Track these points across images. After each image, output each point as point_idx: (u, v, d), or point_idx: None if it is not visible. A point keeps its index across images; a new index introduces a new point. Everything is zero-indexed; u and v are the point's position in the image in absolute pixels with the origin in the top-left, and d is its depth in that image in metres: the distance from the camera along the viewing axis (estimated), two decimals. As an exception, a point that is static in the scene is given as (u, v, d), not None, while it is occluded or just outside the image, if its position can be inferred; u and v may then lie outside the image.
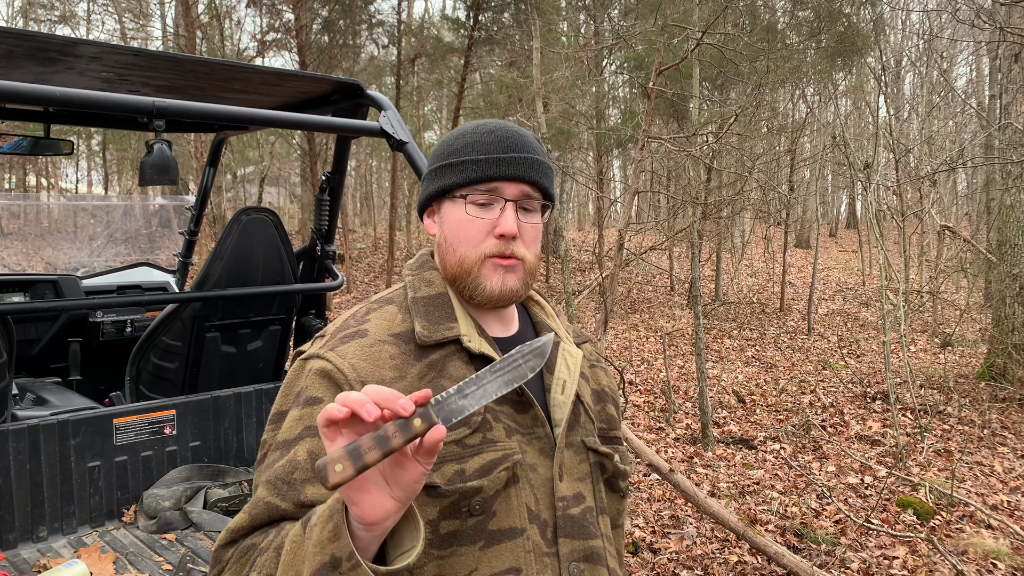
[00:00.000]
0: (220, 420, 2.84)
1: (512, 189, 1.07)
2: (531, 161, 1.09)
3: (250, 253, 3.05)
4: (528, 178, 1.08)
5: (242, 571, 0.95)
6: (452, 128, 16.39)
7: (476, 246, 1.07)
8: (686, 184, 12.60)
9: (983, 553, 4.21)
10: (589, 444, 1.14)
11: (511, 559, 1.01)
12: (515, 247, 1.07)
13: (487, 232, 1.07)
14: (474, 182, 1.07)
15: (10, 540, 2.35)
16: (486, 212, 1.07)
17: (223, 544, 0.99)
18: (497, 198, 1.07)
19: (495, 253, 1.06)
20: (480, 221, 1.07)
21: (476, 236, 1.07)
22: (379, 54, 16.57)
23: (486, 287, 1.07)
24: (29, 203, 11.58)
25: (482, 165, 1.07)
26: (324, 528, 0.82)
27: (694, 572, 4.01)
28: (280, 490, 0.97)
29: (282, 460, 0.99)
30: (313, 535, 0.83)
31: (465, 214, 1.07)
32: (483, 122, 1.14)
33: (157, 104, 2.13)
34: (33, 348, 3.80)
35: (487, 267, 1.07)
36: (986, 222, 16.16)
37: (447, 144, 1.12)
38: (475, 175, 1.07)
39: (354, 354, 1.03)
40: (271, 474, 0.99)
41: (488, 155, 1.07)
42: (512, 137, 1.09)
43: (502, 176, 1.06)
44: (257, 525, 0.98)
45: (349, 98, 2.92)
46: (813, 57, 12.56)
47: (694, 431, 6.67)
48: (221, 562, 0.99)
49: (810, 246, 25.17)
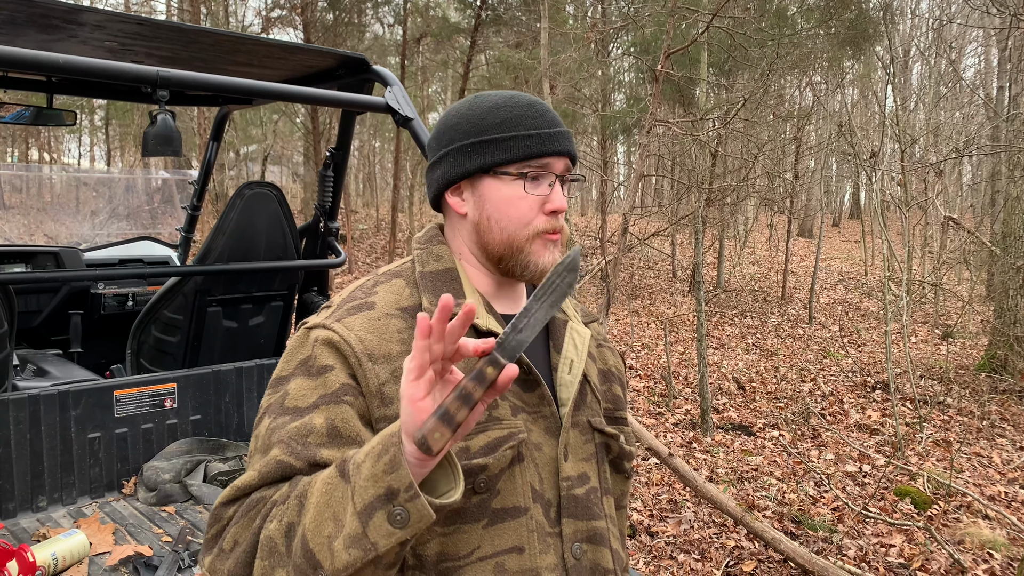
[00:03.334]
0: (221, 394, 2.84)
1: (560, 164, 1.07)
2: (569, 135, 1.09)
3: (253, 228, 3.03)
4: (571, 152, 1.08)
5: (251, 524, 0.92)
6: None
7: (528, 224, 1.05)
8: (691, 170, 12.55)
9: (979, 543, 4.22)
10: (595, 424, 1.14)
11: (514, 538, 1.00)
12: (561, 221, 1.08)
13: (538, 209, 1.06)
14: (527, 158, 1.05)
15: (10, 509, 2.35)
16: (536, 188, 1.06)
17: (226, 501, 0.96)
18: (548, 173, 1.06)
19: (548, 230, 1.06)
20: (532, 197, 1.05)
21: (528, 213, 1.05)
22: (384, 33, 16.47)
23: (539, 263, 1.06)
24: (31, 174, 11.54)
25: (534, 140, 1.05)
26: (378, 462, 0.82)
27: (691, 556, 4.02)
28: (294, 449, 0.95)
29: (294, 423, 0.97)
30: (364, 471, 0.83)
31: (520, 191, 1.05)
32: (510, 94, 1.10)
33: (161, 74, 2.10)
34: (34, 320, 3.80)
35: (538, 244, 1.06)
36: (990, 214, 16.10)
37: (477, 117, 1.08)
38: (528, 151, 1.05)
39: (361, 326, 1.02)
40: (283, 434, 0.96)
41: (537, 130, 1.05)
42: (549, 111, 1.09)
43: (553, 151, 1.05)
44: (266, 483, 0.95)
45: (354, 73, 2.89)
46: (822, 44, 12.46)
47: (693, 417, 6.68)
48: (222, 520, 0.96)
49: (813, 235, 25.10)
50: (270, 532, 0.89)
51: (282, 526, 0.88)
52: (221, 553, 0.94)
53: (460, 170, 1.08)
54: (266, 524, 0.90)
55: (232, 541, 0.93)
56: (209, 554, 0.96)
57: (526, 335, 0.80)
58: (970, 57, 26.41)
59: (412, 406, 0.80)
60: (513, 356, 0.79)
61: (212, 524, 0.97)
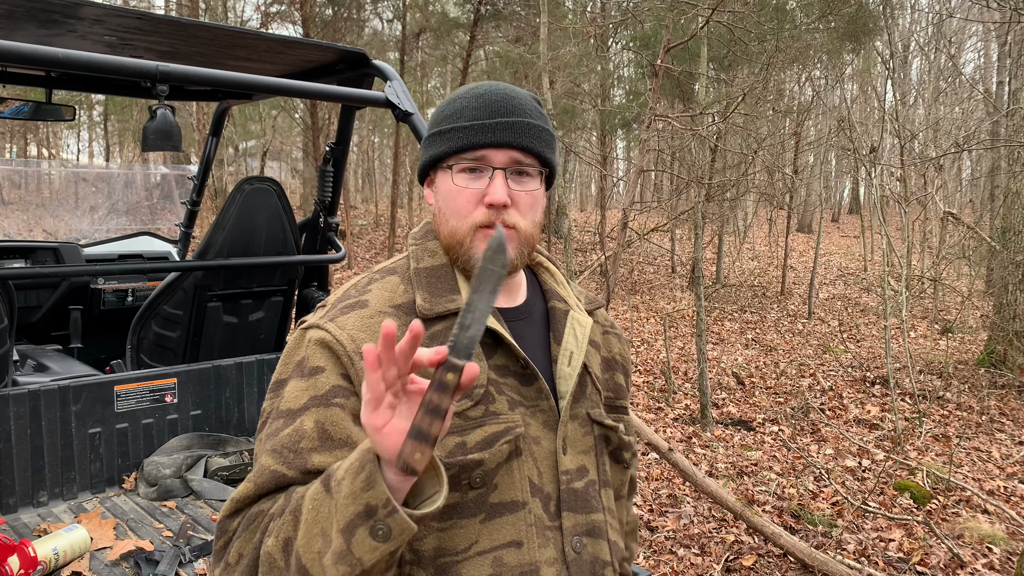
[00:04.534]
0: (221, 389, 2.84)
1: (500, 156, 1.02)
2: (521, 125, 1.03)
3: (252, 223, 3.03)
4: (518, 144, 1.03)
5: (252, 538, 0.94)
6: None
7: (466, 216, 1.03)
8: (691, 165, 12.54)
9: (979, 537, 4.23)
10: (594, 416, 1.13)
11: (512, 532, 1.00)
12: (507, 215, 1.02)
13: (477, 202, 1.03)
14: (460, 151, 1.03)
15: (10, 504, 2.35)
16: (475, 181, 1.03)
17: (228, 514, 0.98)
18: (485, 166, 1.03)
19: (485, 223, 1.02)
20: (468, 191, 1.03)
21: (466, 206, 1.03)
22: (383, 28, 16.43)
23: (478, 258, 1.03)
24: (30, 169, 11.51)
25: (468, 132, 1.02)
26: (356, 479, 0.82)
27: (691, 551, 4.03)
28: (286, 458, 0.96)
29: (287, 429, 0.98)
30: (343, 488, 0.83)
31: (453, 184, 1.04)
32: (476, 85, 1.09)
33: (161, 68, 2.10)
34: (34, 315, 3.79)
35: (478, 237, 1.03)
36: (990, 209, 16.10)
37: (440, 110, 1.09)
38: (461, 143, 1.03)
39: (353, 325, 1.02)
40: (276, 443, 0.98)
41: (475, 121, 1.03)
42: (502, 100, 1.04)
43: (488, 143, 1.02)
44: (263, 494, 0.97)
45: (354, 68, 2.89)
46: (823, 38, 12.43)
47: (693, 412, 6.69)
48: (227, 532, 0.98)
49: (812, 231, 25.10)
50: (268, 548, 0.90)
51: (279, 542, 0.89)
52: (227, 567, 0.96)
53: (421, 162, 1.11)
54: (265, 539, 0.92)
55: (236, 555, 0.95)
56: (217, 566, 0.98)
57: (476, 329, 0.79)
58: (969, 52, 26.37)
59: (378, 435, 0.80)
60: (469, 354, 0.79)
61: (218, 537, 0.99)
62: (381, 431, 0.80)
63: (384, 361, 0.77)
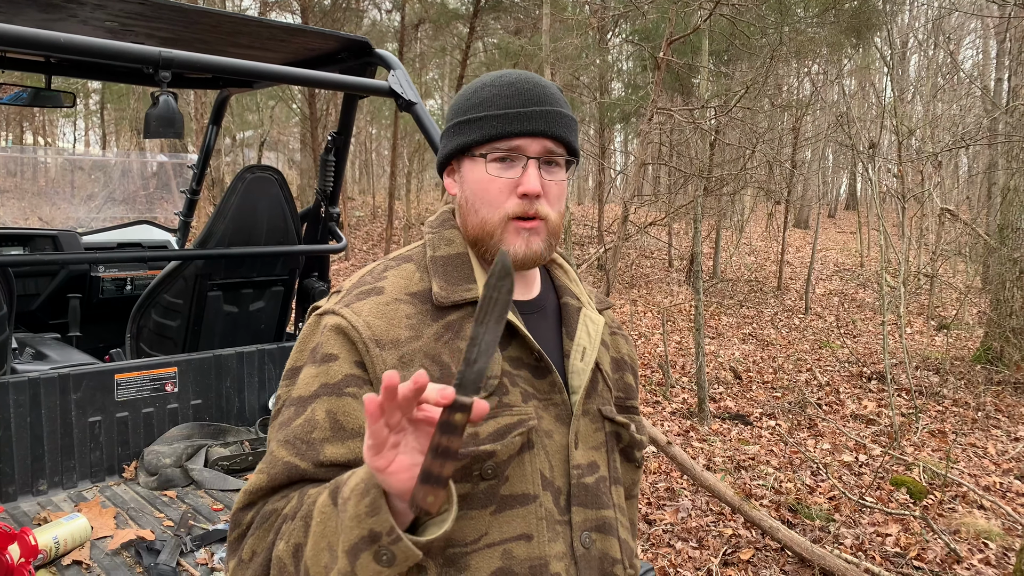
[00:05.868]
0: (222, 379, 2.83)
1: (535, 146, 1.02)
2: (553, 114, 1.03)
3: (254, 212, 3.01)
4: (551, 133, 1.02)
5: (266, 537, 0.94)
6: (454, 96, 16.16)
7: (498, 207, 1.02)
8: (689, 159, 12.53)
9: (975, 533, 4.25)
10: (606, 413, 1.12)
11: (522, 525, 0.99)
12: (539, 206, 1.02)
13: (509, 191, 1.02)
14: (494, 139, 1.01)
15: (10, 493, 2.34)
16: (508, 171, 1.02)
17: (242, 507, 0.98)
18: (519, 155, 1.02)
19: (518, 214, 1.01)
20: (502, 180, 1.02)
21: (498, 196, 1.02)
22: (382, 19, 16.35)
23: (509, 251, 1.02)
24: (26, 156, 11.44)
25: (502, 121, 1.01)
26: (360, 503, 0.81)
27: (689, 544, 4.04)
28: (299, 449, 0.95)
29: (299, 419, 0.97)
30: (348, 509, 0.83)
31: (486, 173, 1.03)
32: (503, 73, 1.07)
33: (164, 55, 2.08)
34: (32, 303, 3.78)
35: (510, 230, 1.02)
36: (987, 206, 16.13)
37: (465, 98, 1.07)
38: (495, 131, 1.01)
39: (369, 311, 1.01)
40: (288, 433, 0.97)
41: (508, 110, 1.01)
42: (534, 89, 1.04)
43: (523, 132, 1.01)
44: (276, 486, 0.97)
45: (357, 56, 2.87)
46: (825, 32, 12.41)
47: (690, 406, 6.70)
48: (241, 525, 0.98)
49: (809, 226, 25.12)
50: (280, 552, 0.91)
51: (290, 547, 0.90)
52: (241, 563, 0.96)
53: (446, 150, 1.09)
54: (277, 542, 0.92)
55: (251, 551, 0.95)
56: (232, 559, 0.98)
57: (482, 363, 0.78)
58: (968, 48, 26.36)
59: (383, 475, 0.80)
60: (477, 388, 0.77)
61: (232, 529, 0.99)
62: (386, 472, 0.79)
63: (387, 410, 0.77)
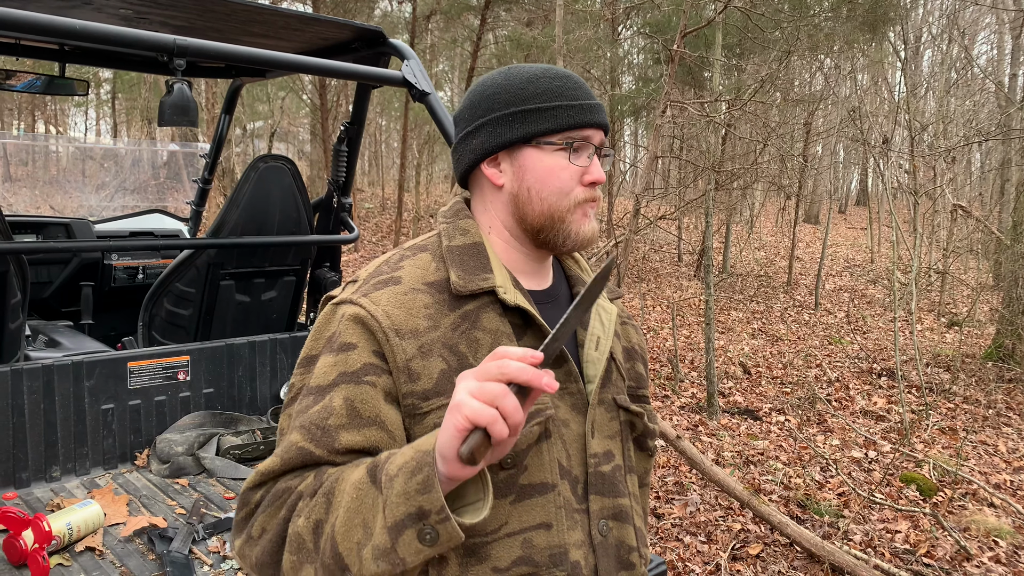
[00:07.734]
0: (234, 368, 2.83)
1: (598, 136, 1.08)
2: (603, 108, 1.11)
3: (267, 202, 3.01)
4: (607, 125, 1.10)
5: (277, 514, 0.94)
6: (465, 88, 16.16)
7: (568, 194, 1.06)
8: (700, 153, 12.47)
9: (985, 531, 4.23)
10: (620, 402, 1.13)
11: (542, 514, 1.00)
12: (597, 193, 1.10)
13: (577, 179, 1.07)
14: (569, 128, 1.05)
15: (23, 479, 2.35)
16: (578, 159, 1.07)
17: (251, 486, 0.98)
18: (587, 144, 1.07)
19: (587, 199, 1.07)
20: (574, 168, 1.06)
21: (569, 183, 1.06)
22: (393, 10, 16.32)
23: (580, 233, 1.07)
24: (38, 144, 11.50)
25: (575, 111, 1.06)
26: (411, 479, 0.82)
27: (698, 538, 4.03)
28: (314, 435, 0.95)
29: (316, 406, 0.97)
30: (396, 486, 0.83)
31: (563, 162, 1.06)
32: (546, 67, 1.10)
33: (179, 42, 2.08)
34: (45, 291, 3.79)
35: (578, 214, 1.07)
36: (1000, 203, 16.00)
37: (517, 87, 1.07)
38: (571, 121, 1.05)
39: (388, 301, 1.01)
40: (305, 419, 0.97)
41: (578, 101, 1.06)
42: (584, 84, 1.10)
43: (591, 123, 1.06)
44: (289, 469, 0.96)
45: (371, 46, 2.86)
46: (841, 26, 12.29)
47: (699, 400, 6.68)
48: (249, 504, 0.97)
49: (819, 222, 25.00)
50: (298, 528, 0.90)
51: (310, 523, 0.89)
52: (250, 540, 0.95)
53: (500, 140, 1.07)
54: (293, 518, 0.91)
55: (260, 529, 0.94)
56: (239, 537, 0.98)
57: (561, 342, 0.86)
58: (982, 44, 26.11)
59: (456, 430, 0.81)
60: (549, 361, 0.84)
61: (240, 507, 0.98)
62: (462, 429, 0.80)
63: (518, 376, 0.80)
